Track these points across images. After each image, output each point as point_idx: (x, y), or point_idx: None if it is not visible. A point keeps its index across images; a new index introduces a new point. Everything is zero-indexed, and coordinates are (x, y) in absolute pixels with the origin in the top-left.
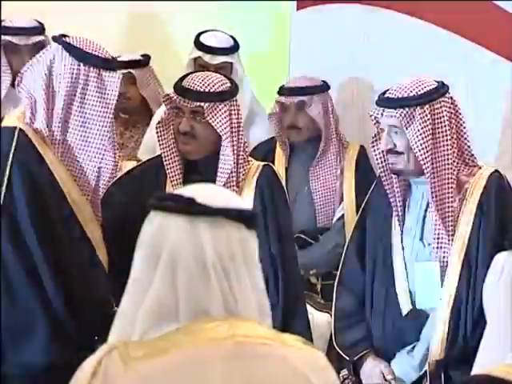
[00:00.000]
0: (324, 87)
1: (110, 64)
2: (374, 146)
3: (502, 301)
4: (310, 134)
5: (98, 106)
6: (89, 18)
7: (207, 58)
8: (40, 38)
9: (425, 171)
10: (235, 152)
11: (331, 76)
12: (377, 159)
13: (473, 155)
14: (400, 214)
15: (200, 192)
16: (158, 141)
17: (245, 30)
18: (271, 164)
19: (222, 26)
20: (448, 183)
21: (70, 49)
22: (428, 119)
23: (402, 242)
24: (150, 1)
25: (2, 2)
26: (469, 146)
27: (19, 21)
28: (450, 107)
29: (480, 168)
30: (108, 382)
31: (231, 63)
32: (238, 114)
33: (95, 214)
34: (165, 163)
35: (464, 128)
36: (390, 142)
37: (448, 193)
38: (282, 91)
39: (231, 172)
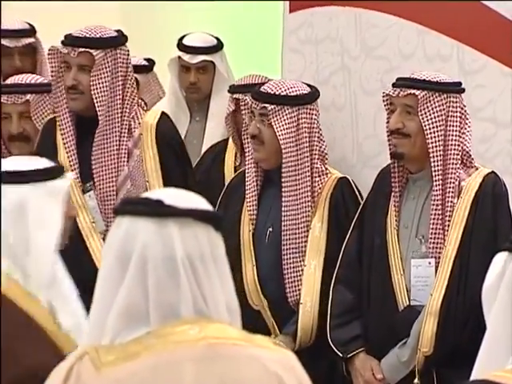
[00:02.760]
0: None
1: None
2: (389, 134)
3: (503, 304)
4: None
5: None
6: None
7: (187, 57)
8: (30, 39)
9: (432, 154)
10: (312, 164)
11: (324, 78)
12: (390, 145)
13: (470, 156)
14: (397, 209)
15: (167, 194)
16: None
17: (237, 31)
18: (348, 176)
19: (214, 28)
20: (451, 178)
21: None
22: (443, 108)
23: (398, 238)
24: (144, 0)
25: (2, 2)
26: (468, 148)
27: (9, 23)
28: (462, 107)
29: (477, 169)
30: None
31: (214, 64)
32: (312, 121)
33: None
34: (246, 176)
35: (468, 131)
36: (400, 122)
37: (451, 187)
38: (237, 89)
39: (306, 186)
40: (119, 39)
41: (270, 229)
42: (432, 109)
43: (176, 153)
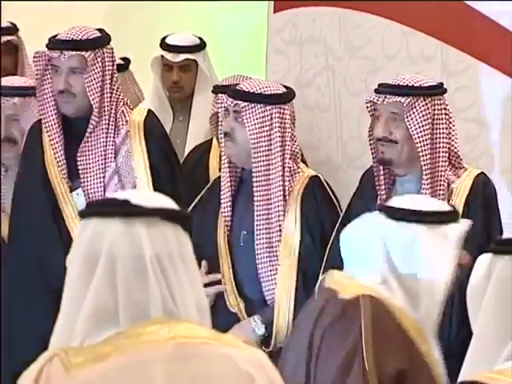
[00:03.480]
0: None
1: None
2: (371, 138)
3: (492, 308)
4: None
5: None
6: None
7: (169, 56)
8: (10, 37)
9: (421, 159)
10: (284, 163)
11: (308, 79)
12: (372, 149)
13: (459, 156)
14: None
15: (134, 195)
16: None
17: (221, 31)
18: (319, 175)
19: (199, 28)
20: (441, 180)
21: None
22: (429, 112)
23: None
24: (128, 1)
25: (2, 2)
26: (456, 148)
27: None
28: (446, 107)
29: (466, 170)
30: None
31: (196, 63)
32: (283, 120)
33: None
34: (221, 178)
35: (454, 130)
36: (387, 130)
37: (440, 189)
38: (221, 89)
39: (278, 185)
40: (105, 38)
41: (245, 231)
42: (418, 114)
43: (163, 149)
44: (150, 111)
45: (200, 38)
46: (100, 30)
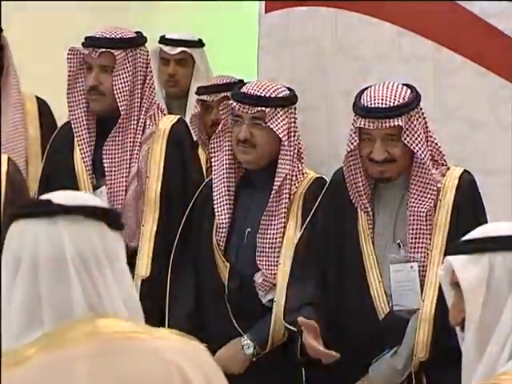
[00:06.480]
0: None
1: None
2: (355, 155)
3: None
4: None
5: None
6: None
7: (167, 49)
8: None
9: (420, 167)
10: (294, 161)
11: (300, 79)
12: (354, 165)
13: (441, 152)
14: (370, 218)
15: (58, 195)
16: (214, 157)
17: (212, 32)
18: (324, 176)
19: (189, 27)
20: (428, 182)
21: None
22: (421, 121)
23: (373, 245)
24: (120, 0)
25: (2, 2)
26: (437, 144)
27: None
28: (421, 107)
29: (449, 168)
30: None
31: (193, 59)
32: (296, 122)
33: None
34: (218, 180)
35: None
36: (384, 152)
37: (428, 192)
38: (203, 90)
39: (287, 182)
40: (139, 39)
41: (249, 229)
42: (415, 128)
43: (183, 156)
44: (180, 119)
45: (199, 39)
46: (137, 32)
